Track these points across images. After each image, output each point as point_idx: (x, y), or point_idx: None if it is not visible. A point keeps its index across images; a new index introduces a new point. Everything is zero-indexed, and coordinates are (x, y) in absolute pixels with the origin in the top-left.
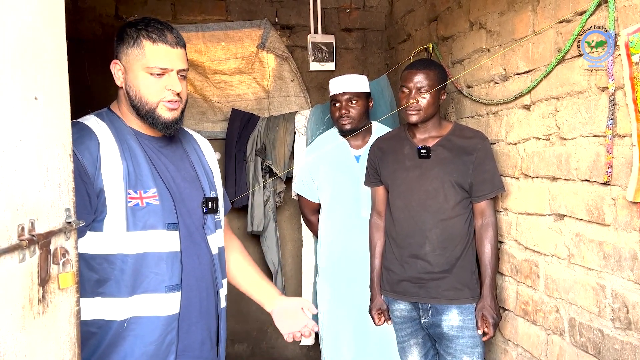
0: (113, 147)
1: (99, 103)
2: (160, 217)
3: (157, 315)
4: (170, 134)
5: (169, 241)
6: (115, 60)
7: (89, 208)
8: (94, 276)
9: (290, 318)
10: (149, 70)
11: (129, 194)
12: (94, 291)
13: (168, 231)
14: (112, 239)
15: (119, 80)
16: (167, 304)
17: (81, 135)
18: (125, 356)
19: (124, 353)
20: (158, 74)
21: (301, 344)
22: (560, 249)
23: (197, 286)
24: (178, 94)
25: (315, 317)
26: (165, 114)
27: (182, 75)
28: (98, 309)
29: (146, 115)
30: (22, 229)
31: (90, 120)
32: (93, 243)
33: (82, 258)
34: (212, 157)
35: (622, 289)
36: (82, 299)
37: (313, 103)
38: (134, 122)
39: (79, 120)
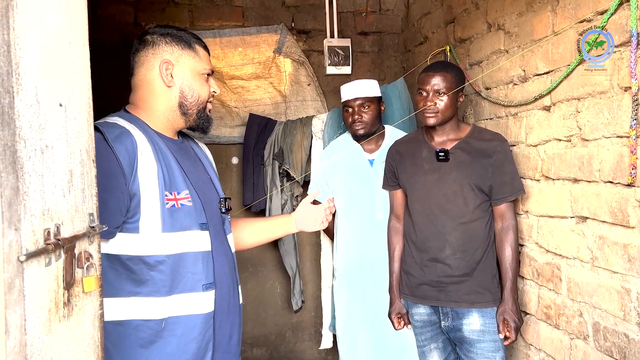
0: (147, 149)
1: (113, 109)
2: (194, 217)
3: (197, 313)
4: (207, 132)
5: (202, 241)
6: (167, 60)
7: (122, 208)
8: (131, 276)
9: (308, 218)
10: (203, 72)
11: (166, 195)
12: (131, 291)
13: (202, 231)
14: (148, 240)
15: (169, 80)
16: (205, 302)
17: (119, 135)
18: (167, 356)
19: (165, 353)
20: (208, 75)
21: (320, 347)
22: (583, 251)
23: (226, 283)
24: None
25: (333, 321)
26: (209, 113)
27: None
28: (135, 308)
29: (198, 113)
30: (48, 233)
31: (121, 121)
32: (129, 244)
33: (119, 259)
34: (212, 161)
35: None
36: (119, 299)
37: (330, 107)
38: (157, 124)
39: (108, 120)
